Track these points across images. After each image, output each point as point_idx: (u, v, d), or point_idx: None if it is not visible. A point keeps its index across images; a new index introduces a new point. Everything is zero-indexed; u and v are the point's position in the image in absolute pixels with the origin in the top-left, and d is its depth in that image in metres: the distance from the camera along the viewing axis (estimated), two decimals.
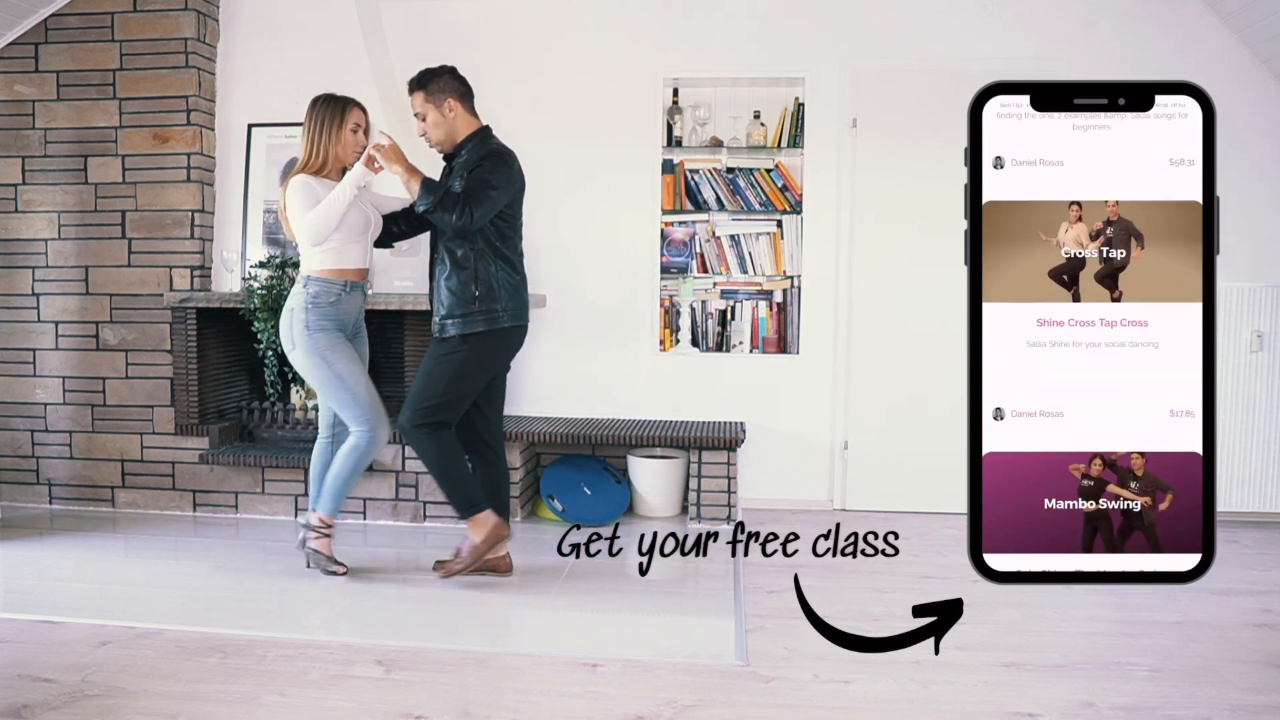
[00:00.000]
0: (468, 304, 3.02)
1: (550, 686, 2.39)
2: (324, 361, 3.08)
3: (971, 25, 4.16)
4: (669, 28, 4.28)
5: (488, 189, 2.97)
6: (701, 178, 4.34)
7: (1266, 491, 4.06)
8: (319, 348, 3.08)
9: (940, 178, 4.15)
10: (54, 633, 2.72)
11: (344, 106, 3.17)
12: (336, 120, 3.14)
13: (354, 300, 3.18)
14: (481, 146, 3.08)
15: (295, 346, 3.11)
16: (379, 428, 3.14)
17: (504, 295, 3.06)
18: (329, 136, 3.14)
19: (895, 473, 4.26)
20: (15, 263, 4.22)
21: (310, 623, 2.88)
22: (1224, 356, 4.05)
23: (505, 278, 3.07)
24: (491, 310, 3.04)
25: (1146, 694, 2.36)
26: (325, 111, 3.16)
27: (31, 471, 4.27)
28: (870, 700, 2.32)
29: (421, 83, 3.09)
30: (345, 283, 3.13)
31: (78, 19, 4.11)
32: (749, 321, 4.40)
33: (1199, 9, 4.05)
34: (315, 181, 3.10)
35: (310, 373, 3.12)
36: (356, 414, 3.11)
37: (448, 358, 3.05)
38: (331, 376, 3.09)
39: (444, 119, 3.08)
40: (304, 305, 3.09)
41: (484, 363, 3.09)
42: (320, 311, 3.09)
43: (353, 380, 3.11)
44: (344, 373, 3.10)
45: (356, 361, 3.16)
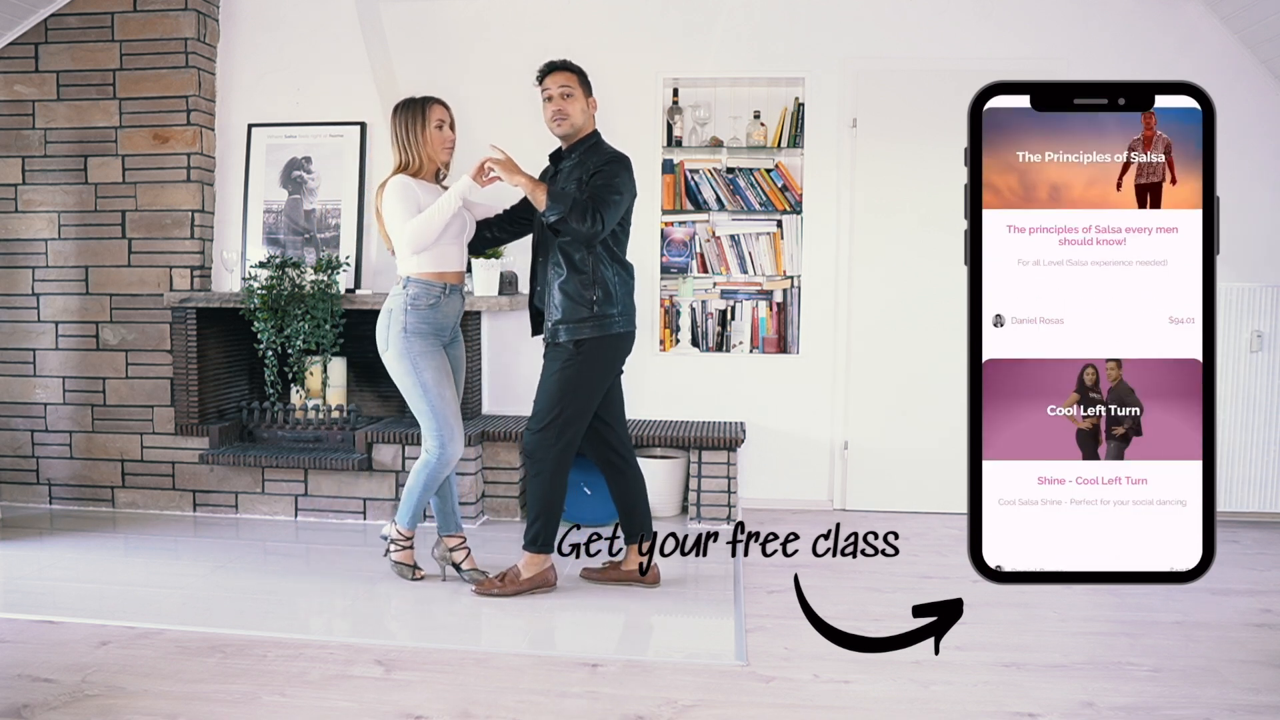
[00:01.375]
0: (583, 309, 2.98)
1: (550, 686, 2.39)
2: (414, 368, 3.03)
3: (971, 25, 4.16)
4: (669, 28, 4.28)
5: (613, 194, 2.95)
6: (701, 178, 4.34)
7: (1266, 491, 4.06)
8: (412, 352, 3.03)
9: (940, 178, 4.15)
10: (54, 633, 2.72)
11: (424, 106, 3.12)
12: (419, 121, 3.09)
13: (453, 303, 3.14)
14: (598, 151, 3.06)
15: (388, 347, 3.06)
16: (450, 444, 3.07)
17: (619, 300, 3.05)
18: (416, 138, 3.09)
19: (895, 473, 4.26)
20: (15, 263, 4.22)
21: (310, 623, 2.88)
22: (1224, 356, 4.05)
23: (620, 283, 3.06)
24: (606, 315, 3.00)
25: (1146, 694, 2.36)
26: (407, 115, 3.11)
27: (31, 471, 4.27)
28: (870, 700, 2.32)
29: (576, 69, 3.07)
30: (445, 285, 3.09)
31: (78, 19, 4.11)
32: (749, 321, 4.40)
33: (1199, 9, 4.05)
34: (414, 183, 3.06)
35: (398, 377, 3.07)
36: (432, 427, 3.07)
37: (562, 370, 3.00)
38: (417, 384, 3.04)
39: (586, 110, 3.07)
40: (403, 307, 3.03)
41: (598, 370, 3.04)
42: (420, 314, 3.04)
43: (437, 392, 3.05)
44: (430, 383, 3.04)
45: (446, 374, 3.09)
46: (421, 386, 3.04)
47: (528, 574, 3.06)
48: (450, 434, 3.07)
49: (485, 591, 3.05)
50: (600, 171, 2.98)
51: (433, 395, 3.05)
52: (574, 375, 2.99)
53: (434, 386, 3.05)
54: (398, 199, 3.02)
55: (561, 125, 3.05)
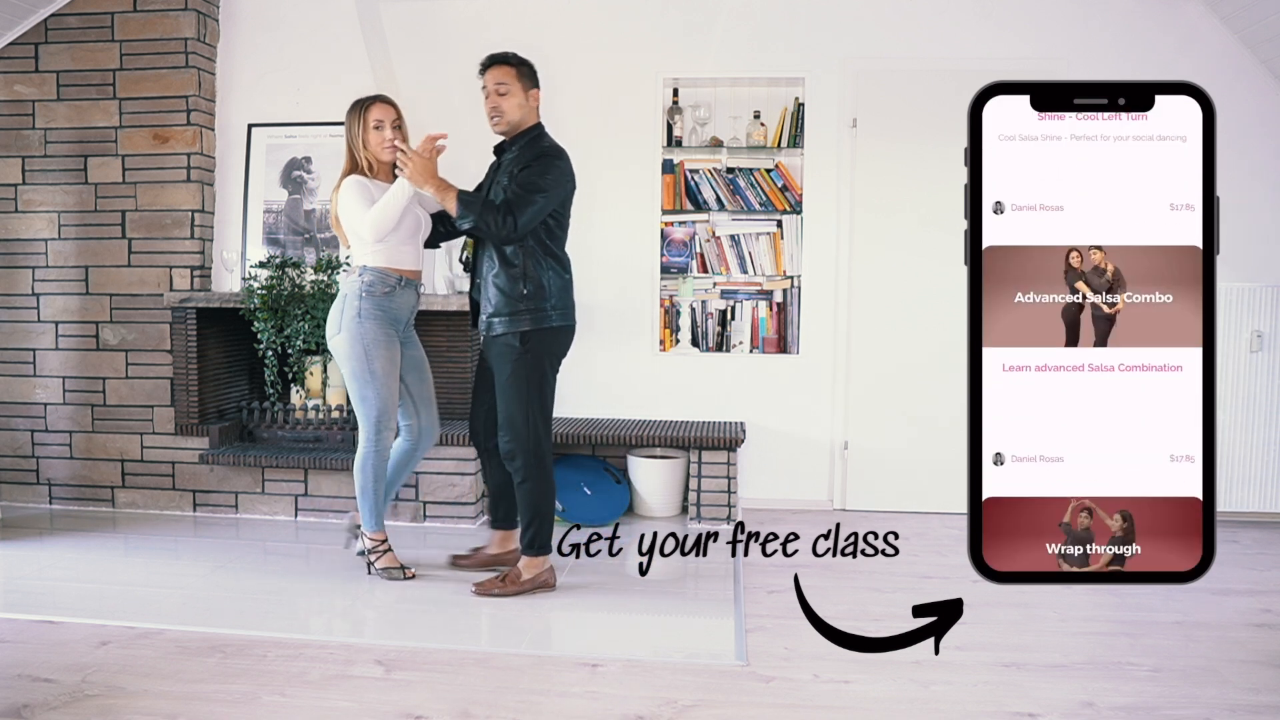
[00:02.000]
0: (515, 302, 2.99)
1: (550, 686, 2.39)
2: (364, 353, 3.04)
3: (971, 25, 4.16)
4: (669, 28, 4.28)
5: (535, 192, 2.95)
6: (701, 178, 4.34)
7: (1266, 491, 4.06)
8: (365, 338, 3.04)
9: (940, 178, 4.15)
10: (54, 633, 2.72)
11: (364, 106, 3.14)
12: (358, 121, 3.13)
13: (407, 297, 3.15)
14: (534, 145, 3.06)
15: (339, 331, 3.07)
16: (386, 433, 3.11)
17: (553, 294, 3.05)
18: (357, 139, 3.13)
19: (895, 473, 4.26)
20: (15, 263, 4.22)
21: (310, 623, 2.88)
22: (1224, 356, 4.05)
23: (554, 277, 3.06)
24: (540, 309, 3.01)
25: (1146, 694, 2.36)
26: (351, 116, 3.14)
27: (31, 471, 4.27)
28: (870, 700, 2.32)
29: (516, 62, 3.05)
30: (400, 277, 3.11)
31: (78, 19, 4.11)
32: (749, 321, 4.40)
33: (1199, 9, 4.05)
34: (368, 181, 3.10)
35: (346, 361, 3.08)
36: (371, 414, 3.09)
37: (515, 371, 3.01)
38: (364, 370, 3.05)
39: (525, 103, 3.06)
40: (358, 293, 3.05)
41: (545, 362, 3.06)
42: (374, 301, 3.05)
43: (384, 380, 3.07)
44: (378, 371, 3.06)
45: (394, 366, 3.11)
46: (370, 374, 3.06)
47: (528, 575, 3.07)
48: (388, 424, 3.12)
49: (486, 592, 3.05)
50: (527, 168, 2.98)
51: (378, 384, 3.07)
52: (527, 372, 3.02)
53: (382, 375, 3.07)
54: (353, 194, 3.05)
55: (497, 124, 3.06)
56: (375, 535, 3.20)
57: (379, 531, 3.21)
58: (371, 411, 3.09)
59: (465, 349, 4.14)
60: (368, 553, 3.22)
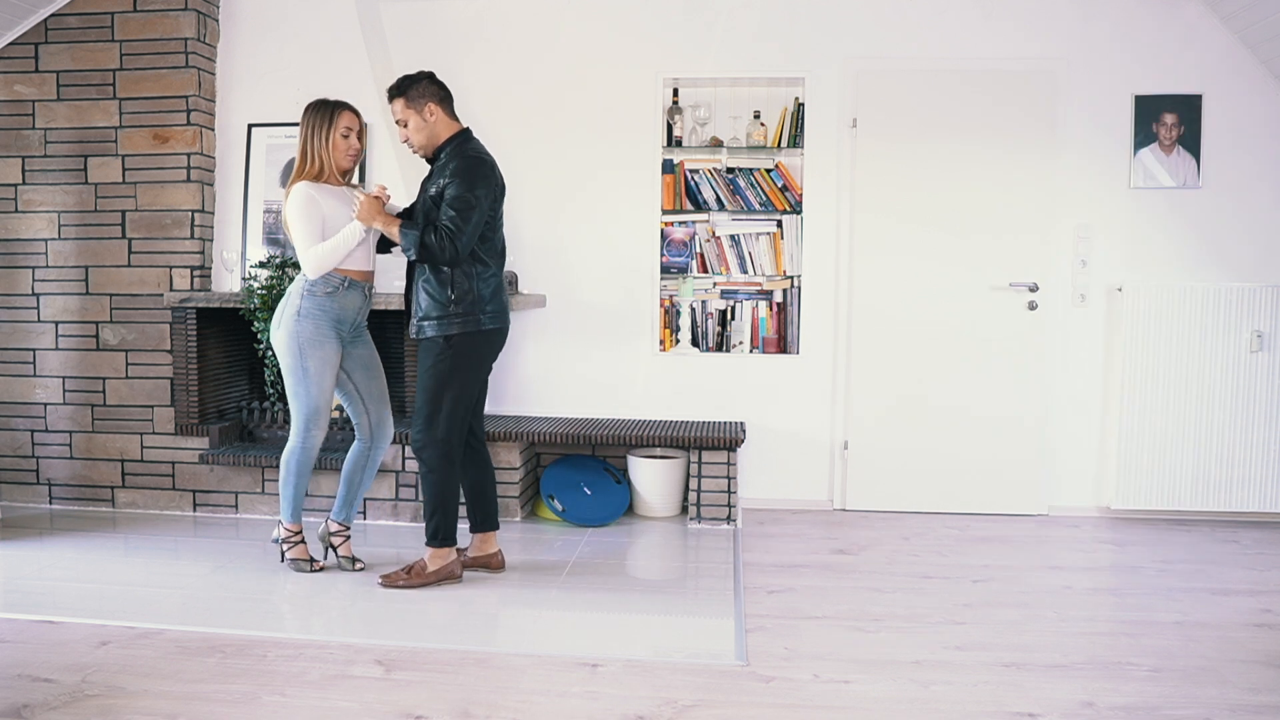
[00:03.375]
0: (444, 306, 3.03)
1: (550, 686, 2.39)
2: (299, 350, 3.11)
3: (972, 25, 4.16)
4: (669, 28, 4.28)
5: (467, 210, 2.96)
6: (701, 178, 4.34)
7: (1266, 491, 4.06)
8: (301, 336, 3.10)
9: (940, 178, 4.15)
10: (54, 633, 2.72)
11: (334, 111, 3.15)
12: (326, 125, 3.13)
13: (352, 298, 3.18)
14: (456, 154, 3.06)
15: (280, 327, 3.14)
16: (315, 430, 3.18)
17: (484, 298, 3.07)
18: (320, 142, 3.14)
19: (895, 473, 4.26)
20: (15, 263, 4.22)
21: (310, 623, 2.88)
22: (1224, 356, 4.05)
23: (483, 284, 3.07)
24: (470, 313, 3.04)
25: (1146, 694, 2.36)
26: (316, 117, 3.15)
27: (31, 471, 4.27)
28: (870, 700, 2.32)
29: (401, 89, 3.09)
30: (345, 279, 3.15)
31: (78, 19, 4.11)
32: (749, 321, 4.40)
33: (1199, 9, 4.05)
34: (316, 190, 3.10)
35: (282, 357, 3.15)
36: (301, 411, 3.16)
37: (435, 366, 3.06)
38: (298, 367, 3.12)
39: (425, 123, 3.09)
40: (300, 292, 3.13)
41: (469, 363, 3.09)
42: (315, 301, 3.11)
43: (316, 380, 3.13)
44: (312, 369, 3.12)
45: (328, 366, 3.15)
46: (302, 370, 3.12)
47: (433, 567, 3.14)
48: (317, 423, 3.18)
49: (392, 584, 3.12)
50: (451, 181, 3.00)
51: (311, 382, 3.13)
52: (447, 369, 3.06)
53: (315, 375, 3.13)
54: (300, 212, 3.07)
55: (414, 151, 3.16)
56: (291, 526, 3.29)
57: (295, 523, 3.30)
58: (301, 408, 3.16)
59: None
60: (280, 542, 3.31)
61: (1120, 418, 4.11)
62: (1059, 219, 4.16)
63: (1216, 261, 4.14)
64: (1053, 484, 4.23)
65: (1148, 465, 4.10)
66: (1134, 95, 4.11)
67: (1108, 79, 4.12)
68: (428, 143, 3.11)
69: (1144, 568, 3.48)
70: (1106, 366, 4.20)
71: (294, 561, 3.29)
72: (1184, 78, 4.09)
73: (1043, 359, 4.18)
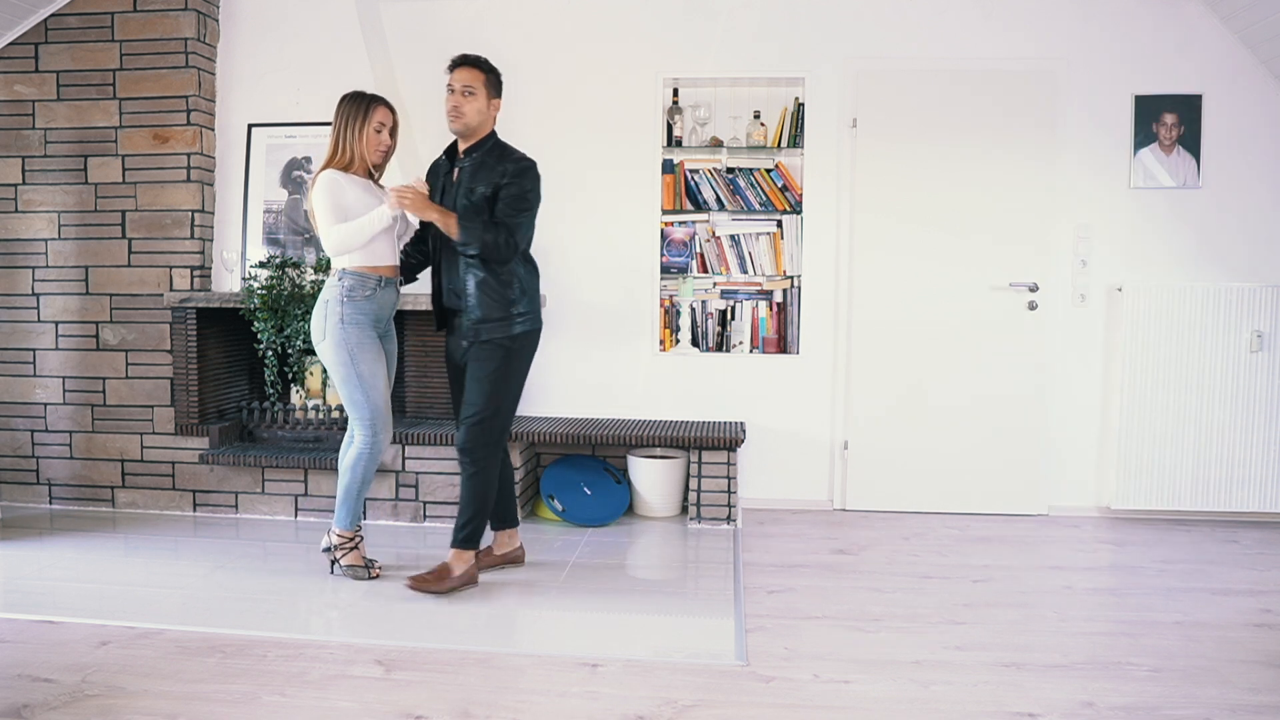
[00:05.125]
0: (507, 307, 3.03)
1: (550, 686, 2.39)
2: (350, 358, 3.08)
3: (971, 25, 4.16)
4: (669, 28, 4.28)
5: (526, 210, 3.02)
6: (701, 178, 4.34)
7: (1266, 491, 4.06)
8: (349, 342, 3.07)
9: (940, 177, 4.15)
10: (54, 633, 2.72)
11: (369, 104, 3.14)
12: (360, 118, 3.12)
13: (388, 296, 3.17)
14: (505, 155, 3.07)
15: (325, 338, 3.09)
16: (382, 433, 3.15)
17: (535, 296, 3.13)
18: (353, 134, 3.12)
19: (895, 473, 4.26)
20: (15, 263, 4.22)
21: (310, 623, 2.88)
22: (1224, 356, 4.05)
23: (533, 280, 3.13)
24: (530, 312, 3.08)
25: (1146, 694, 2.36)
26: (351, 109, 3.14)
27: (31, 471, 4.27)
28: (870, 700, 2.32)
29: (487, 68, 3.08)
30: (380, 278, 3.13)
31: (78, 19, 4.11)
32: (749, 321, 4.40)
33: (1199, 9, 4.05)
34: (343, 178, 3.09)
35: (334, 367, 3.11)
36: (365, 416, 3.12)
37: (496, 368, 3.04)
38: (353, 374, 3.09)
39: (484, 110, 3.07)
40: (339, 298, 3.08)
41: (524, 365, 3.13)
42: (356, 305, 3.08)
43: (371, 382, 3.11)
44: (365, 373, 3.09)
45: (382, 364, 3.15)
46: (358, 377, 3.09)
47: (458, 570, 3.11)
48: (383, 424, 3.15)
49: (422, 588, 3.06)
50: (512, 181, 3.01)
51: (368, 385, 3.11)
52: (506, 371, 3.06)
53: (369, 377, 3.10)
54: (325, 196, 3.06)
55: (455, 122, 3.06)
56: (346, 533, 3.22)
57: (351, 529, 3.23)
58: (364, 413, 3.12)
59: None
60: (334, 549, 3.24)
61: (1120, 418, 4.11)
62: (1059, 219, 4.16)
63: (1216, 261, 4.14)
64: (1053, 484, 4.23)
65: (1148, 465, 4.10)
66: (1134, 95, 4.11)
67: (1107, 79, 4.12)
68: (474, 126, 3.06)
69: (1144, 568, 3.48)
70: (1106, 366, 4.20)
71: (350, 569, 3.21)
72: (1184, 78, 4.09)
73: (1043, 359, 4.18)
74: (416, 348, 4.15)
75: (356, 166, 3.15)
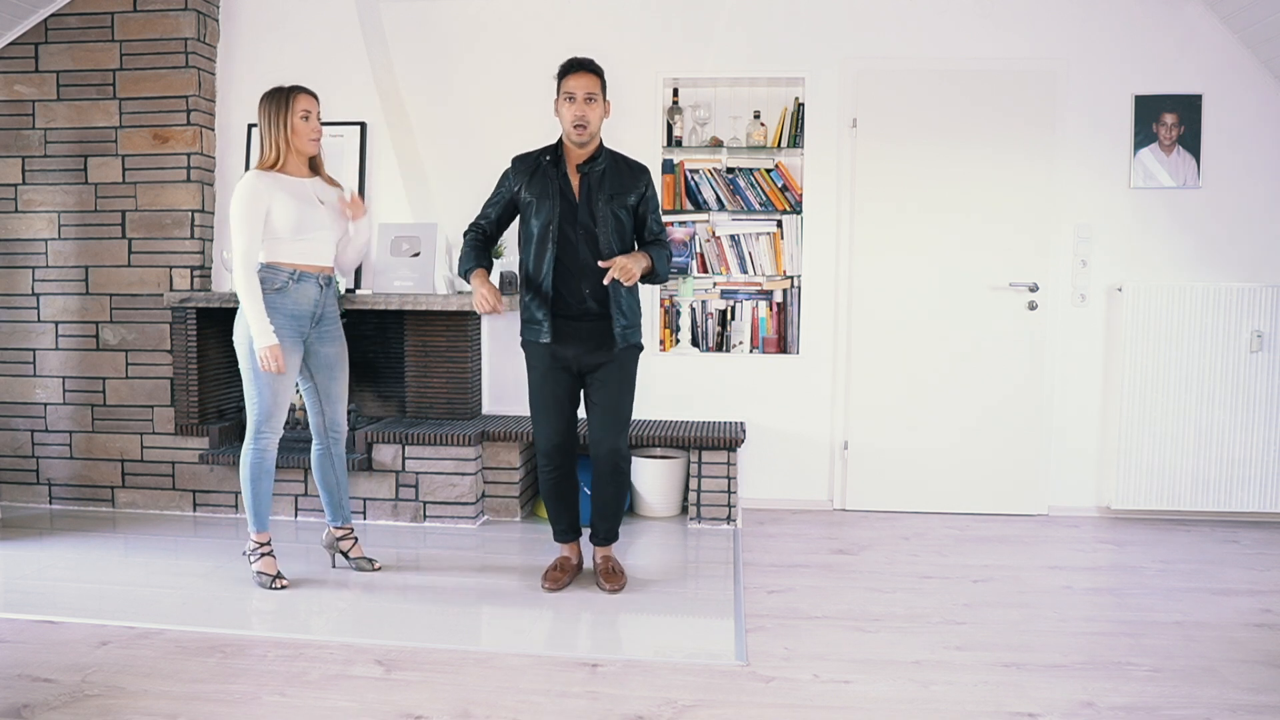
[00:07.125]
0: (638, 313, 3.13)
1: (550, 686, 2.39)
2: (251, 351, 3.01)
3: (971, 25, 4.16)
4: (669, 28, 4.28)
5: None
6: (701, 178, 4.34)
7: (1266, 491, 4.06)
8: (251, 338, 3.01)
9: (940, 178, 4.15)
10: (54, 633, 2.72)
11: (289, 94, 3.06)
12: (283, 109, 3.05)
13: (304, 291, 3.07)
14: (624, 160, 3.10)
15: (237, 325, 3.06)
16: (267, 437, 3.07)
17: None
18: (279, 129, 3.04)
19: (895, 473, 4.26)
20: (15, 263, 4.22)
21: (310, 623, 2.88)
22: (1224, 356, 4.05)
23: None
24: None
25: (1146, 694, 2.36)
26: (271, 104, 3.06)
27: (31, 471, 4.27)
28: (870, 700, 2.32)
29: (601, 70, 3.01)
30: (295, 272, 3.04)
31: (78, 19, 4.11)
32: (749, 321, 4.40)
33: (1199, 9, 4.05)
34: (268, 183, 3.00)
35: (240, 360, 3.07)
36: (253, 416, 3.07)
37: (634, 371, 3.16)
38: (249, 369, 3.04)
39: (603, 116, 3.03)
40: None
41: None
42: (266, 299, 2.99)
43: (268, 382, 3.02)
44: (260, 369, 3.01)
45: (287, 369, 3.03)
46: (252, 372, 3.04)
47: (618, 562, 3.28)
48: (271, 428, 3.07)
49: (619, 588, 3.13)
50: (650, 191, 3.11)
51: (264, 384, 3.03)
52: (635, 375, 3.18)
53: (266, 376, 3.02)
54: (238, 205, 2.97)
55: (581, 132, 2.95)
56: (257, 536, 3.16)
57: (261, 533, 3.17)
58: (254, 411, 3.07)
59: (465, 349, 4.14)
60: (248, 554, 3.19)
61: (1120, 418, 4.11)
62: (1059, 219, 4.16)
63: (1216, 261, 4.14)
64: (1053, 484, 4.23)
65: (1148, 465, 4.10)
66: (1134, 95, 4.11)
67: (1107, 79, 4.12)
68: (596, 133, 3.01)
69: (1144, 568, 3.48)
70: (1106, 366, 4.20)
71: (258, 575, 3.13)
72: (1184, 78, 4.09)
73: (1043, 359, 4.18)
74: (416, 348, 4.15)
75: (289, 164, 3.08)
